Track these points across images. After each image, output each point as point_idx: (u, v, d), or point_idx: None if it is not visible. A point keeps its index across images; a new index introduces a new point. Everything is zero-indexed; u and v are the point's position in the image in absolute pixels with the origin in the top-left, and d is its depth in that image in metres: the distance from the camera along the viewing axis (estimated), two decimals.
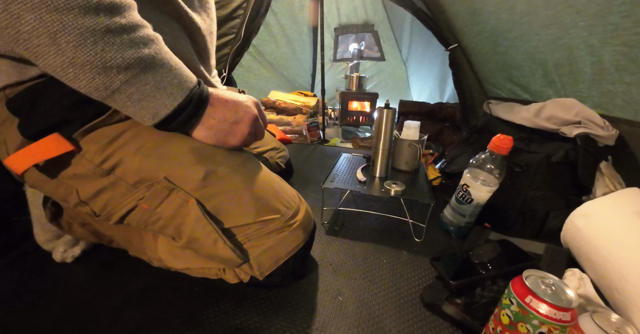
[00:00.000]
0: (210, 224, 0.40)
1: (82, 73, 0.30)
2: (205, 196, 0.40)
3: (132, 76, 0.32)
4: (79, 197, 0.40)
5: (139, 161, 0.38)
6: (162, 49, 0.34)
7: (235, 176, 0.42)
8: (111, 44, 0.30)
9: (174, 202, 0.40)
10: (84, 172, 0.38)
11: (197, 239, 0.42)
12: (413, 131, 0.73)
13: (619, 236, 0.50)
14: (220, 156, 0.42)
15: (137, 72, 0.32)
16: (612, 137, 0.64)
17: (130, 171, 0.39)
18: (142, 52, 0.32)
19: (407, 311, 0.49)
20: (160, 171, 0.39)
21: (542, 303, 0.32)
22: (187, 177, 0.39)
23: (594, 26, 0.61)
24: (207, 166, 0.40)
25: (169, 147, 0.40)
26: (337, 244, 0.65)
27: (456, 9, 0.99)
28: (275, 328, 0.45)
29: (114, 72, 0.31)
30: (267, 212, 0.43)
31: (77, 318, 0.45)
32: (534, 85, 0.87)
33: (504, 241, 0.58)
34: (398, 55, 2.06)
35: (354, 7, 1.93)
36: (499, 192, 0.61)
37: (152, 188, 0.39)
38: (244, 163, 0.44)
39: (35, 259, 0.56)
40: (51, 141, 0.36)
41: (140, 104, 0.34)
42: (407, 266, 0.59)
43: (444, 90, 1.59)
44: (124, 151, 0.38)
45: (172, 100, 0.35)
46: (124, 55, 0.31)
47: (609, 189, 0.61)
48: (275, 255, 0.45)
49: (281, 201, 0.45)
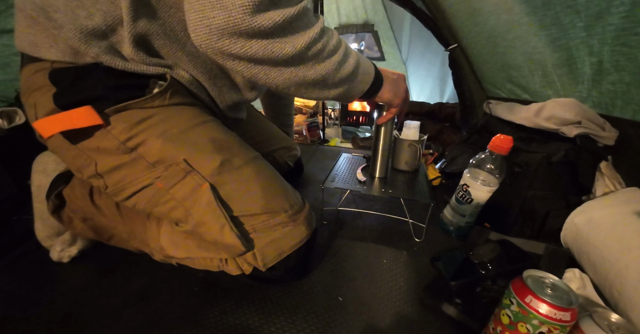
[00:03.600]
0: (220, 209, 0.42)
1: (332, 90, 0.44)
2: (219, 183, 0.43)
3: (353, 77, 0.45)
4: (96, 169, 0.42)
5: (161, 143, 0.42)
6: (352, 53, 0.44)
7: (248, 168, 0.47)
8: (346, 64, 0.42)
9: (188, 184, 0.42)
10: (107, 146, 0.41)
11: (205, 223, 0.43)
12: (413, 130, 0.73)
13: (619, 236, 0.50)
14: (236, 148, 0.48)
15: (356, 72, 0.44)
16: (612, 137, 0.64)
17: (152, 151, 0.42)
18: (350, 65, 0.43)
19: (407, 311, 0.49)
20: (180, 154, 0.42)
21: (542, 303, 0.32)
22: (205, 163, 0.43)
23: (592, 27, 0.61)
24: (224, 155, 0.45)
25: (191, 134, 0.44)
26: (337, 244, 0.65)
27: (456, 9, 0.99)
28: (275, 328, 0.45)
29: (346, 81, 0.44)
30: (274, 205, 0.46)
31: (77, 317, 0.45)
32: (534, 85, 0.87)
33: (504, 241, 0.58)
34: (398, 55, 2.06)
35: (354, 7, 1.93)
36: (499, 192, 0.61)
37: (170, 169, 0.42)
38: (254, 159, 0.49)
39: (36, 259, 0.56)
40: (83, 112, 0.38)
41: (356, 89, 0.47)
42: (407, 266, 0.59)
43: (444, 90, 1.59)
44: (149, 133, 0.41)
45: (368, 80, 0.47)
46: (349, 67, 0.43)
47: (609, 189, 0.61)
48: (280, 248, 0.46)
49: (287, 197, 0.48)
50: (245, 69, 0.37)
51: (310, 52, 0.37)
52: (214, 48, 0.33)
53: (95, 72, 0.39)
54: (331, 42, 0.40)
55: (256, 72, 0.37)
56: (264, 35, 0.33)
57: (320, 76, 0.40)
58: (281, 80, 0.39)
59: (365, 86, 0.48)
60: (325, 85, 0.42)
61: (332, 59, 0.40)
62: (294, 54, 0.36)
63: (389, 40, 2.01)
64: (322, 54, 0.39)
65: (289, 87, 0.41)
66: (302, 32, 0.36)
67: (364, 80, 0.47)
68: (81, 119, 0.38)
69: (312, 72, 0.39)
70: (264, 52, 0.34)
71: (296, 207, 0.48)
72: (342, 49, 0.41)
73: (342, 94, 0.45)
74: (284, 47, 0.35)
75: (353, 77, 0.44)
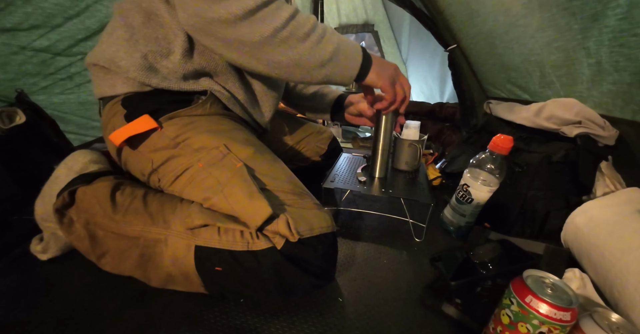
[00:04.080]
0: (252, 180, 0.46)
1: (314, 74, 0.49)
2: (252, 164, 0.49)
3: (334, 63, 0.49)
4: (152, 165, 0.50)
5: (204, 135, 0.50)
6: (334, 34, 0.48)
7: (275, 162, 0.54)
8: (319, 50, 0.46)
9: (226, 164, 0.48)
10: (161, 145, 0.49)
11: (235, 194, 0.45)
12: (413, 130, 0.73)
13: (620, 236, 0.50)
14: (264, 148, 0.56)
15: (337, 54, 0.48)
16: (612, 137, 0.64)
17: (196, 140, 0.49)
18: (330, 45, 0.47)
19: (407, 311, 0.49)
20: (220, 141, 0.50)
21: (542, 303, 0.32)
22: (241, 149, 0.50)
23: (588, 29, 0.61)
24: (257, 148, 0.53)
25: (228, 133, 0.53)
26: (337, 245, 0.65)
27: (454, 10, 0.99)
28: (275, 328, 0.45)
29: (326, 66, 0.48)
30: (300, 190, 0.51)
31: (77, 318, 0.45)
32: (533, 86, 0.87)
33: (504, 240, 0.58)
34: (398, 55, 2.06)
35: (354, 7, 1.93)
36: (499, 192, 0.61)
37: (211, 152, 0.48)
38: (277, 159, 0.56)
39: (36, 260, 0.56)
40: (143, 119, 0.48)
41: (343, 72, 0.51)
42: (407, 266, 0.59)
43: (444, 90, 1.59)
44: (194, 131, 0.50)
45: (357, 58, 0.51)
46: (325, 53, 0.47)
47: (609, 189, 0.61)
48: (310, 223, 0.45)
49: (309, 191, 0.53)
50: (226, 51, 0.45)
51: (276, 38, 0.43)
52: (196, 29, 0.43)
53: (153, 93, 0.51)
54: (301, 30, 0.44)
55: (235, 57, 0.46)
56: (230, 23, 0.41)
57: (292, 61, 0.46)
58: (256, 63, 0.47)
59: (353, 71, 0.51)
60: (303, 69, 0.47)
61: (304, 44, 0.45)
62: (260, 40, 0.42)
63: (389, 40, 2.02)
64: (289, 40, 0.44)
65: (268, 72, 0.48)
66: (267, 21, 0.42)
67: (348, 66, 0.51)
68: (142, 125, 0.48)
69: (285, 58, 0.45)
70: (234, 37, 0.42)
71: (318, 202, 0.51)
72: (315, 35, 0.46)
73: (328, 78, 0.50)
74: (252, 33, 0.42)
75: (333, 62, 0.48)
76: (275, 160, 0.55)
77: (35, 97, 0.77)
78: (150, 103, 0.50)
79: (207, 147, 0.49)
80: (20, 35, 0.72)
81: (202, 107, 0.52)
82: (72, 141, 0.85)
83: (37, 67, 0.78)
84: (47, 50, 0.78)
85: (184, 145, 0.49)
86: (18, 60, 0.74)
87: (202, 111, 0.53)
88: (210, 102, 0.54)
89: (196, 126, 0.51)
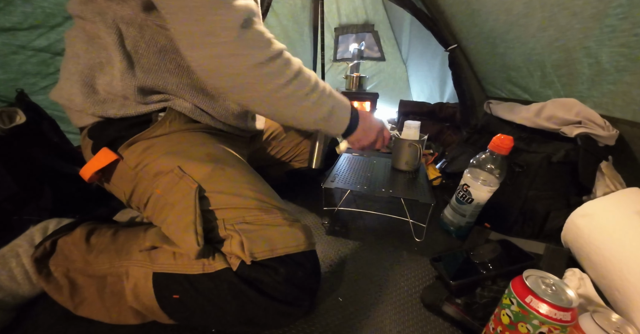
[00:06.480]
0: (194, 209, 0.42)
1: (305, 126, 0.53)
2: (208, 182, 0.46)
3: (326, 122, 0.53)
4: (125, 196, 0.50)
5: (160, 159, 0.47)
6: (330, 96, 0.52)
7: (241, 176, 0.49)
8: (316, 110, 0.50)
9: (181, 188, 0.45)
10: (125, 175, 0.48)
11: (174, 223, 0.43)
12: (413, 131, 0.73)
13: (620, 236, 0.50)
14: (231, 160, 0.51)
15: (330, 117, 0.53)
16: (612, 137, 0.64)
17: (154, 167, 0.47)
18: (326, 107, 0.51)
19: (407, 311, 0.49)
20: (175, 163, 0.47)
21: (543, 303, 0.32)
22: (197, 169, 0.46)
23: (590, 29, 0.61)
24: (217, 164, 0.48)
25: (187, 152, 0.49)
26: (337, 245, 0.65)
27: (455, 10, 0.99)
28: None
29: (318, 123, 0.52)
30: (266, 204, 0.46)
31: (77, 318, 0.45)
32: (533, 85, 0.87)
33: (504, 241, 0.58)
34: (398, 55, 2.05)
35: (354, 7, 1.93)
36: (500, 192, 0.61)
37: (167, 176, 0.46)
38: (250, 171, 0.52)
39: None
40: (102, 153, 0.48)
41: (331, 130, 0.56)
42: (407, 266, 0.59)
43: (444, 90, 1.58)
44: (152, 156, 0.48)
45: (345, 121, 0.57)
46: (320, 113, 0.51)
47: (609, 189, 0.61)
48: (272, 243, 0.41)
49: (280, 202, 0.48)
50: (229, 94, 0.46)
51: (279, 94, 0.45)
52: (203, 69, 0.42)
53: (113, 120, 0.49)
54: (302, 90, 0.47)
55: (236, 99, 0.50)
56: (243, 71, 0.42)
57: (290, 114, 0.49)
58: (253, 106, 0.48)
59: (340, 131, 0.57)
60: (297, 121, 0.51)
61: (302, 103, 0.48)
62: (264, 93, 0.45)
63: (389, 40, 2.01)
64: (290, 98, 0.46)
65: (263, 115, 0.51)
66: (273, 76, 0.44)
67: (337, 127, 0.56)
68: (102, 159, 0.47)
69: (284, 110, 0.48)
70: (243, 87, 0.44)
71: (291, 217, 0.46)
72: (314, 95, 0.49)
73: (318, 129, 0.55)
74: (257, 85, 0.44)
75: (324, 122, 0.52)
76: (242, 174, 0.49)
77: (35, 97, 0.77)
78: (111, 131, 0.49)
79: (163, 171, 0.46)
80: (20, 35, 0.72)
81: (161, 126, 0.49)
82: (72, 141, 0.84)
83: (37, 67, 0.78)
84: (46, 49, 0.78)
85: (142, 173, 0.47)
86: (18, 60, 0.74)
87: (162, 130, 0.50)
88: (171, 119, 0.50)
89: (154, 150, 0.48)
